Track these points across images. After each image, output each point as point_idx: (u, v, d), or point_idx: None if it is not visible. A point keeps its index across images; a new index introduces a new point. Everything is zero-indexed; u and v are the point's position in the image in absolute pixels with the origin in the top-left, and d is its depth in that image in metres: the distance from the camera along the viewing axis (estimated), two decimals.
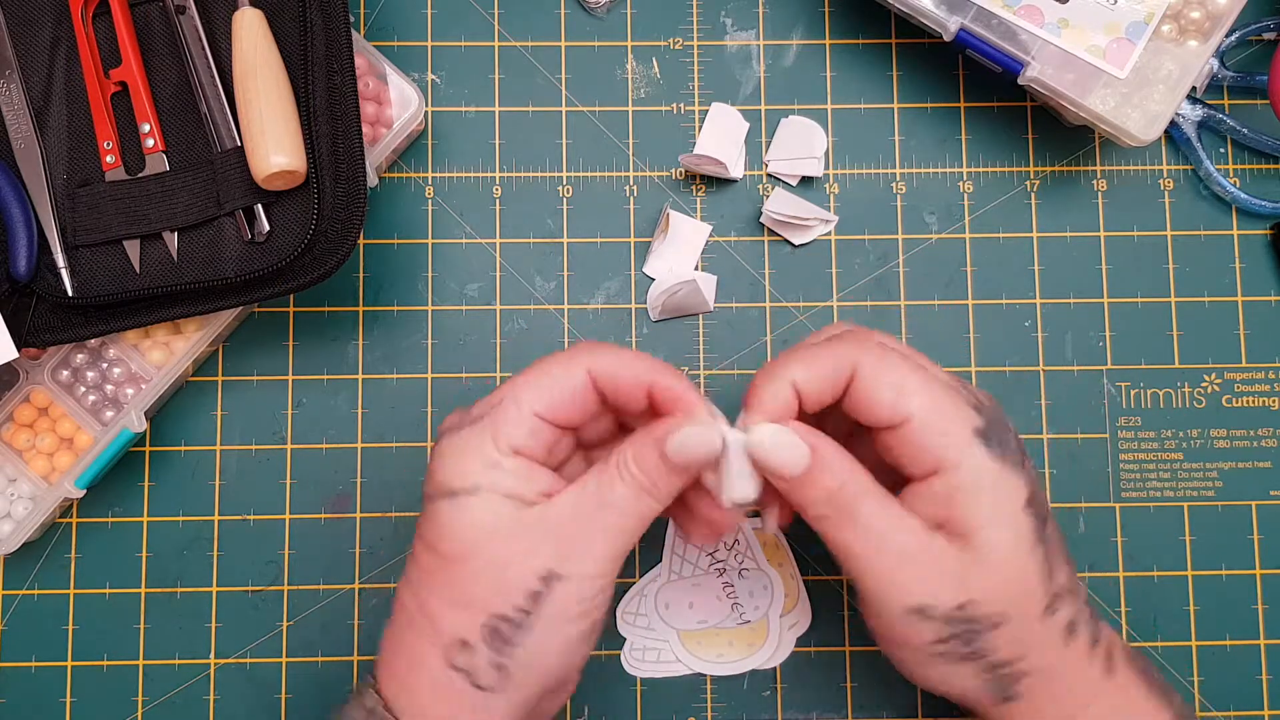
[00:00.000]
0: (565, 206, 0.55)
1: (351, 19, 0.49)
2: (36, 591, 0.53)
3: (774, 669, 0.52)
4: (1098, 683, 0.40)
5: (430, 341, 0.54)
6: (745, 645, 0.52)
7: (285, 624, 0.53)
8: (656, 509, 0.40)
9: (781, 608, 0.52)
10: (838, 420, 0.42)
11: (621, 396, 0.41)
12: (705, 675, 0.52)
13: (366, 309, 0.54)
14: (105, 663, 0.52)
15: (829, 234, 0.55)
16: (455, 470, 0.40)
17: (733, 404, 0.54)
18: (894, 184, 0.55)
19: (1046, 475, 0.54)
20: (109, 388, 0.51)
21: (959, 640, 0.39)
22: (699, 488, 0.41)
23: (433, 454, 0.41)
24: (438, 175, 0.55)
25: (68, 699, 0.52)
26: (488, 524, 0.39)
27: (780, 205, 0.53)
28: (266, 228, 0.49)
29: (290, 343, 0.54)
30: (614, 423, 0.44)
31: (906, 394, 0.39)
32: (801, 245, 0.54)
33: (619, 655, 0.52)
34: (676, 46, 0.56)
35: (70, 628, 0.53)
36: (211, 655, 0.52)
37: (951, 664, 0.40)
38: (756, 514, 0.52)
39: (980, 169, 0.55)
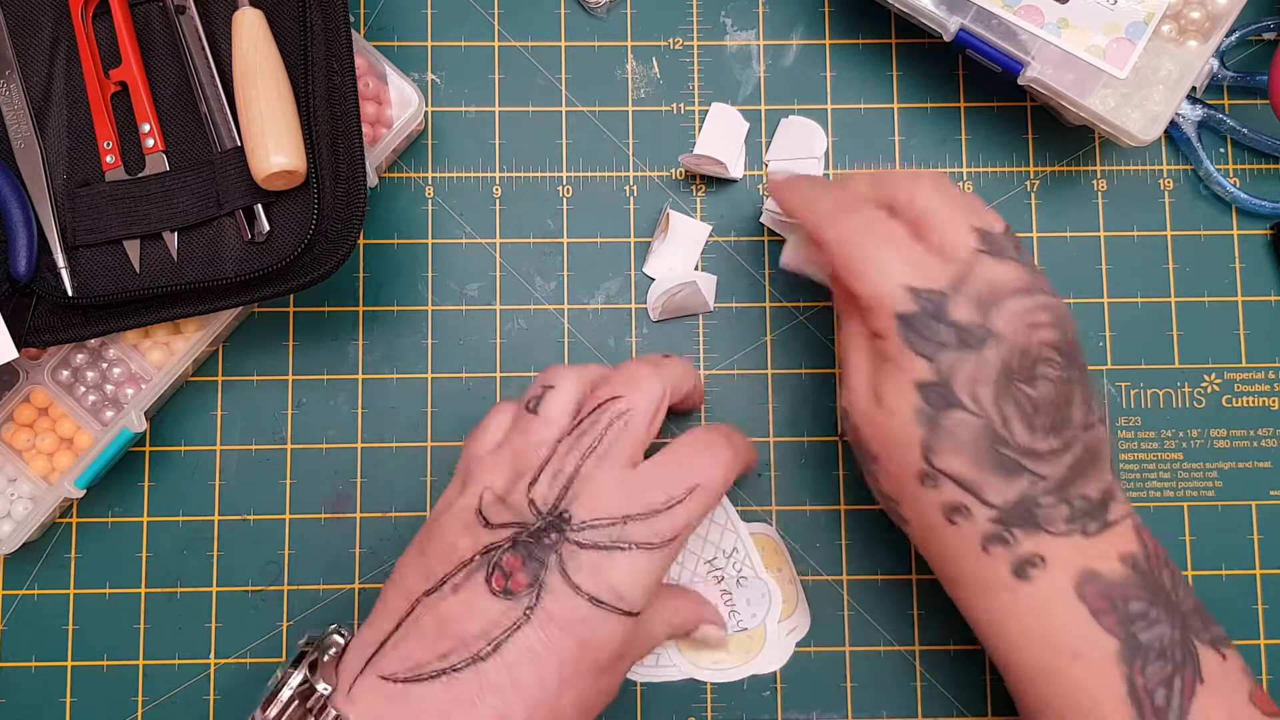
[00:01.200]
0: (565, 206, 0.55)
1: (351, 19, 0.49)
2: (36, 591, 0.53)
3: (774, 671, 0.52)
4: (985, 578, 0.42)
5: (430, 341, 0.54)
6: (743, 652, 0.52)
7: (285, 624, 0.53)
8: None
9: (779, 614, 0.52)
10: None
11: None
12: (704, 682, 0.52)
13: (366, 309, 0.54)
14: (105, 663, 0.52)
15: None
16: (643, 592, 0.43)
17: (733, 405, 0.54)
18: None
19: None
20: (109, 388, 0.51)
21: (855, 448, 0.46)
22: None
23: (614, 555, 0.42)
24: (438, 175, 0.55)
25: (68, 699, 0.52)
26: (627, 645, 0.43)
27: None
28: (266, 228, 0.49)
29: (290, 343, 0.54)
30: None
31: (858, 270, 0.43)
32: None
33: None
34: (676, 46, 0.56)
35: (70, 628, 0.53)
36: (211, 655, 0.52)
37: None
38: (757, 519, 0.52)
39: (980, 169, 0.55)
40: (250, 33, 0.48)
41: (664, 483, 0.43)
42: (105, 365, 0.51)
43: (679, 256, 0.54)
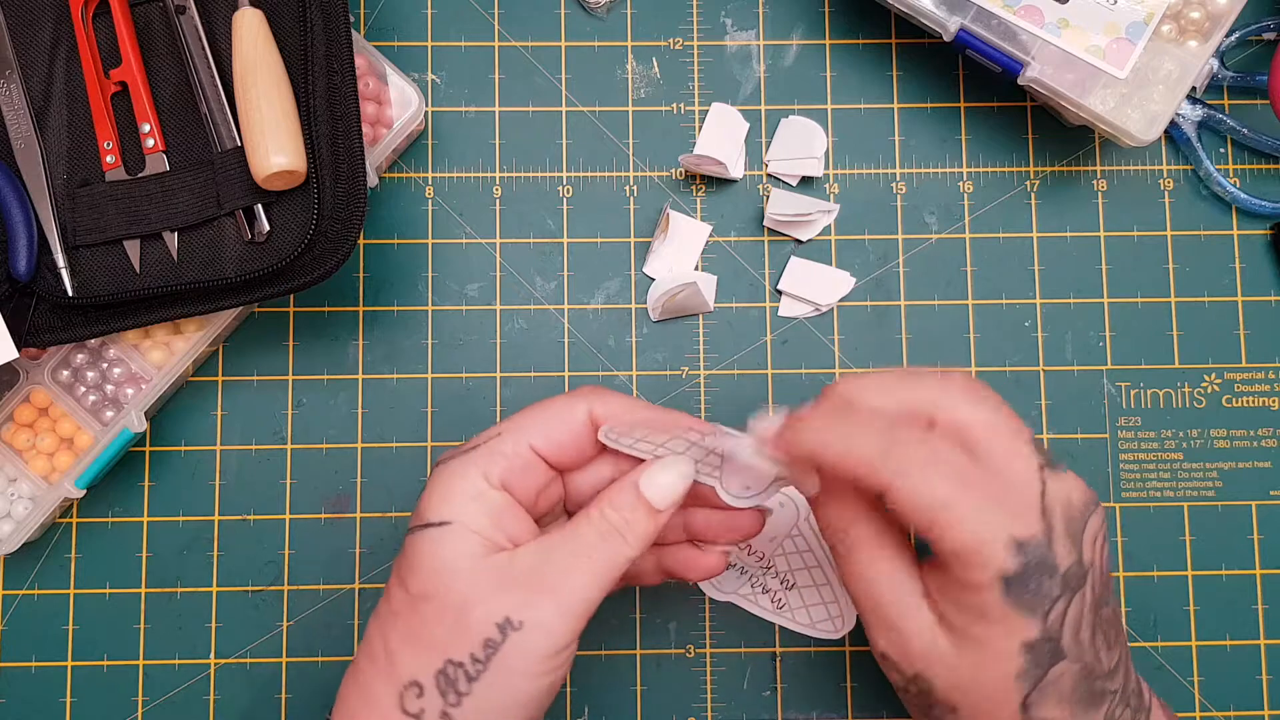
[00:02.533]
0: (565, 206, 0.55)
1: (351, 19, 0.49)
2: (36, 591, 0.53)
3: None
4: None
5: (430, 341, 0.54)
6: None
7: (285, 624, 0.53)
8: (629, 554, 0.38)
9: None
10: None
11: None
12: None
13: (366, 309, 0.54)
14: (105, 663, 0.52)
15: (830, 233, 0.55)
16: (436, 501, 0.39)
17: (733, 405, 0.54)
18: (894, 184, 0.55)
19: None
20: (109, 388, 0.51)
21: (914, 696, 0.40)
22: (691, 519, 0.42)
23: (425, 486, 0.40)
24: (438, 175, 0.55)
25: (68, 699, 0.52)
26: (455, 561, 0.38)
27: (781, 205, 0.53)
28: (266, 228, 0.49)
29: (290, 343, 0.54)
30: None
31: (939, 530, 0.37)
32: (808, 241, 0.55)
33: (620, 654, 0.52)
34: (676, 46, 0.56)
35: (70, 628, 0.53)
36: (211, 655, 0.52)
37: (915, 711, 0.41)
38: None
39: (980, 169, 0.55)
40: (250, 33, 0.48)
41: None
42: (105, 365, 0.51)
43: (679, 256, 0.54)
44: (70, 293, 0.49)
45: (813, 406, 0.40)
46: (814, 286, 0.54)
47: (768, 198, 0.54)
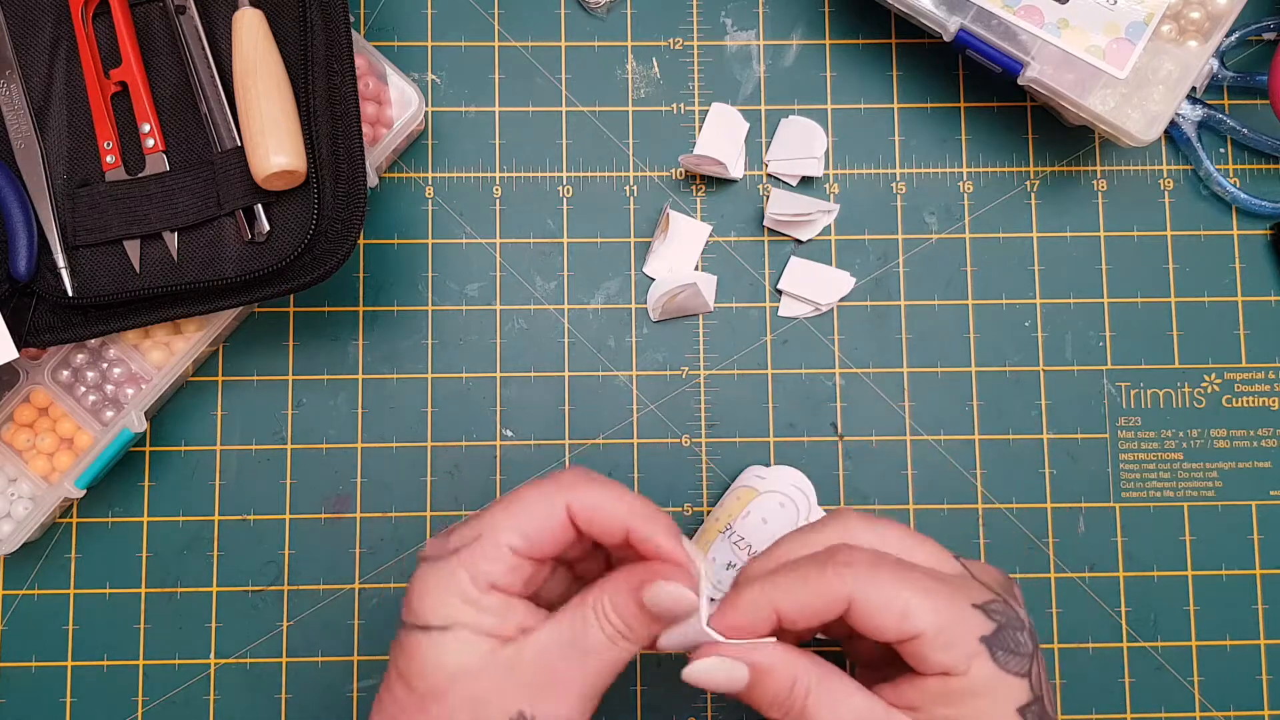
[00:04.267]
0: (565, 206, 0.55)
1: (351, 19, 0.49)
2: (36, 591, 0.53)
3: None
4: None
5: (430, 341, 0.54)
6: None
7: (285, 624, 0.53)
8: (632, 652, 0.39)
9: None
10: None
11: (599, 533, 0.39)
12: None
13: (366, 309, 0.54)
14: (105, 663, 0.52)
15: (830, 233, 0.55)
16: (431, 604, 0.38)
17: (733, 405, 0.54)
18: (894, 184, 0.55)
19: (1047, 475, 0.54)
20: (109, 388, 0.51)
21: None
22: None
23: (411, 580, 0.40)
24: (438, 175, 0.55)
25: (68, 699, 0.52)
26: (463, 662, 0.38)
27: (781, 205, 0.53)
28: (266, 228, 0.49)
29: (290, 343, 0.54)
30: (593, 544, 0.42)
31: (911, 614, 0.37)
32: (808, 241, 0.55)
33: None
34: (676, 46, 0.56)
35: (70, 628, 0.53)
36: (211, 655, 0.52)
37: None
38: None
39: (980, 169, 0.55)
40: (250, 33, 0.48)
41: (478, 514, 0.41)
42: (105, 365, 0.51)
43: (679, 256, 0.54)
44: (70, 293, 0.49)
45: (735, 590, 0.39)
46: (814, 286, 0.54)
47: (768, 198, 0.54)
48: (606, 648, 0.39)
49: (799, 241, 0.55)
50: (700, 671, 0.38)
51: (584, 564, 0.43)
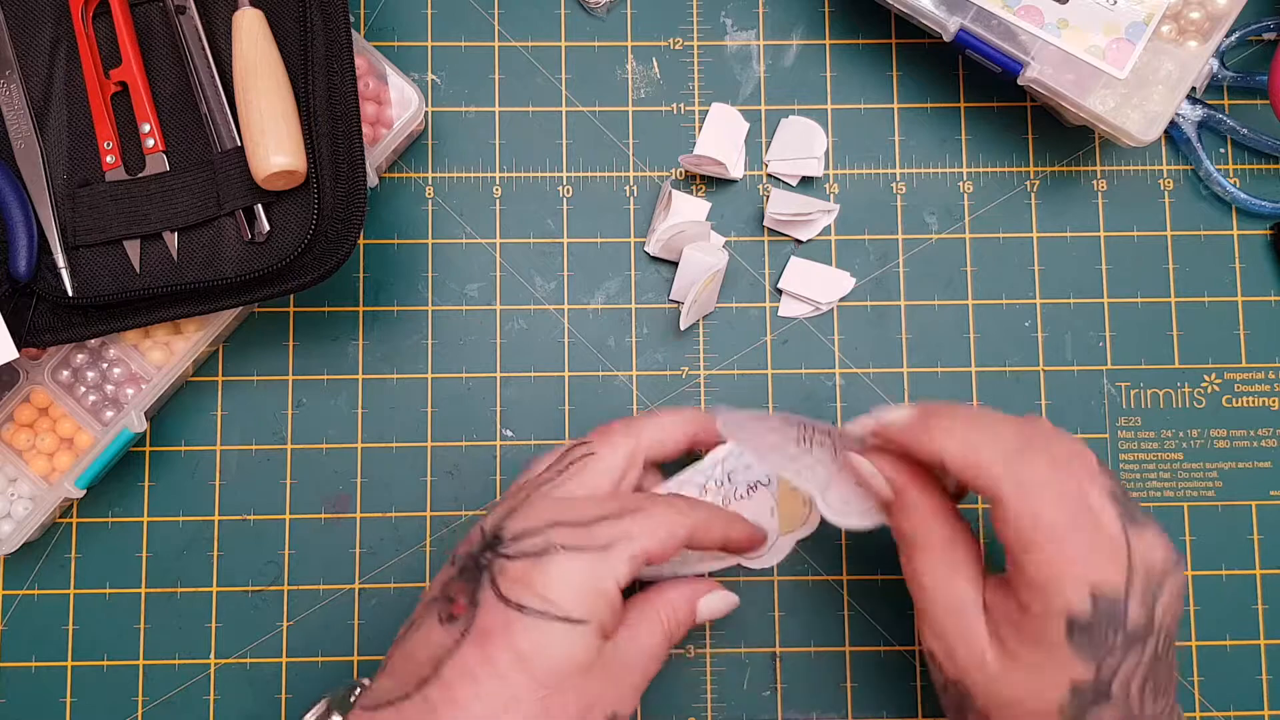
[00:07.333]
0: (565, 206, 0.55)
1: (351, 19, 0.49)
2: (36, 591, 0.53)
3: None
4: None
5: (430, 341, 0.54)
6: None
7: (285, 624, 0.53)
8: (672, 646, 0.43)
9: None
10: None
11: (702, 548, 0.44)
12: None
13: (366, 309, 0.54)
14: (105, 663, 0.52)
15: (830, 233, 0.55)
16: (577, 597, 0.39)
17: (732, 403, 0.54)
18: (894, 184, 0.55)
19: None
20: (109, 388, 0.51)
21: (951, 698, 0.42)
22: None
23: (536, 565, 0.40)
24: (438, 175, 0.55)
25: (68, 699, 0.52)
26: (587, 659, 0.40)
27: (781, 205, 0.53)
28: (266, 228, 0.49)
29: (290, 343, 0.54)
30: None
31: (1040, 547, 0.38)
32: (808, 241, 0.55)
33: None
34: (676, 46, 0.56)
35: (70, 628, 0.53)
36: (211, 655, 0.52)
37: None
38: None
39: (980, 169, 0.55)
40: (250, 33, 0.48)
41: (604, 504, 0.42)
42: (105, 365, 0.51)
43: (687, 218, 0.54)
44: (70, 293, 0.49)
45: (936, 408, 0.42)
46: (814, 286, 0.54)
47: (768, 198, 0.54)
48: (664, 649, 0.42)
49: (799, 241, 0.55)
50: (863, 465, 0.43)
51: None
